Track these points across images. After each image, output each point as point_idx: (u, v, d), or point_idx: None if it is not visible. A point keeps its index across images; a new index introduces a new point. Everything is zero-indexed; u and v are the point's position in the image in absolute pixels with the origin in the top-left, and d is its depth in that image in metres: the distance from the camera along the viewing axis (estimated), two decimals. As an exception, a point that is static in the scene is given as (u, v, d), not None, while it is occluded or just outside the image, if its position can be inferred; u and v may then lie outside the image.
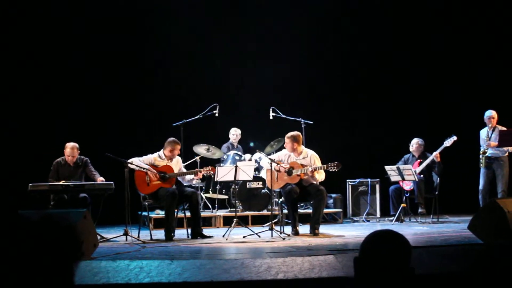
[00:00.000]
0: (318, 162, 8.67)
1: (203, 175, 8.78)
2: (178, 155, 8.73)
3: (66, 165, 8.69)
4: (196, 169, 8.71)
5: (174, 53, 11.49)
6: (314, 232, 8.45)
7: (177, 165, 8.66)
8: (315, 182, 8.59)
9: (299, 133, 8.99)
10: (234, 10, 11.88)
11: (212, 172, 8.64)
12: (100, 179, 8.48)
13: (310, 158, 8.73)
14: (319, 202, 8.51)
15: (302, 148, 8.82)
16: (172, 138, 8.59)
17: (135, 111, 11.19)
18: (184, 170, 8.76)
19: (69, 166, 8.68)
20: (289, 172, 8.59)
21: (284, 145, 8.92)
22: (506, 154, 10.05)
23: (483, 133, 10.24)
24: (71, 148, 8.66)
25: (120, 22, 11.13)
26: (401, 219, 10.11)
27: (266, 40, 11.99)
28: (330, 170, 8.49)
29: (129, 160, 8.12)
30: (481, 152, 10.14)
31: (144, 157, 8.45)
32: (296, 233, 8.42)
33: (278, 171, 8.63)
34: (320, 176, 8.61)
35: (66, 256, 1.62)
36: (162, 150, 8.57)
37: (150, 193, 8.35)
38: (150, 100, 11.39)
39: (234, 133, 10.95)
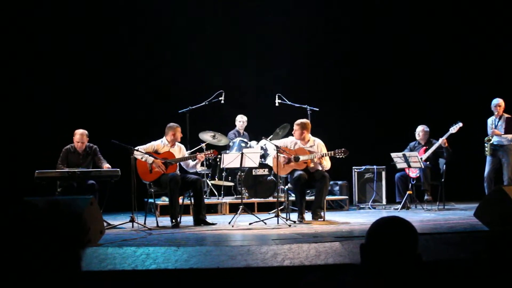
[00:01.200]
0: (324, 151, 8.66)
1: (208, 161, 8.76)
2: (182, 142, 8.73)
3: (75, 153, 8.69)
4: (197, 153, 8.70)
5: (179, 38, 11.47)
6: (316, 216, 8.46)
7: (180, 152, 8.67)
8: (320, 169, 8.59)
9: (308, 121, 8.98)
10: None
11: (214, 155, 8.64)
12: (107, 166, 8.49)
13: (317, 146, 8.71)
14: (322, 186, 8.50)
15: (309, 136, 8.80)
16: (171, 123, 8.60)
17: (140, 98, 11.19)
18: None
19: (78, 154, 8.68)
20: (296, 159, 8.57)
21: (292, 132, 8.89)
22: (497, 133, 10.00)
23: (490, 121, 10.21)
24: (80, 135, 8.66)
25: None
26: (407, 206, 10.10)
27: (272, 26, 11.93)
28: (337, 156, 8.48)
29: (136, 148, 8.13)
30: (486, 140, 10.09)
31: (147, 145, 8.45)
32: (302, 219, 8.42)
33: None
34: (327, 163, 8.60)
35: (73, 243, 1.62)
36: (164, 137, 8.58)
37: (153, 180, 8.37)
38: (156, 87, 11.38)
39: (241, 120, 10.93)
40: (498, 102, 10.10)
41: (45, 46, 10.75)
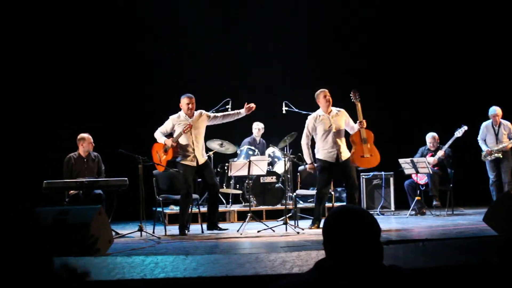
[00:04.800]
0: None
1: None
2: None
3: (79, 159, 8.70)
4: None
5: (187, 46, 11.52)
6: None
7: (201, 118, 8.47)
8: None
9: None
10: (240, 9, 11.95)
11: (189, 128, 8.24)
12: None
13: (342, 112, 8.56)
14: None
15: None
16: (184, 94, 8.46)
17: (146, 106, 11.20)
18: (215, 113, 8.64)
19: (83, 160, 8.68)
20: (364, 141, 8.39)
21: (319, 102, 8.53)
22: (509, 146, 10.00)
23: (485, 126, 10.25)
24: (88, 138, 8.68)
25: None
26: (421, 211, 10.08)
27: (276, 33, 11.97)
28: (359, 99, 8.41)
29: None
30: (489, 152, 10.07)
31: (161, 128, 8.44)
32: (318, 227, 8.28)
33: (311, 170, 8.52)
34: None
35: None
36: (181, 111, 8.45)
37: (164, 169, 8.43)
38: (163, 94, 11.40)
39: (257, 127, 10.85)
40: (495, 112, 10.15)
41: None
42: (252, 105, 8.52)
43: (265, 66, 11.93)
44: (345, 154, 8.38)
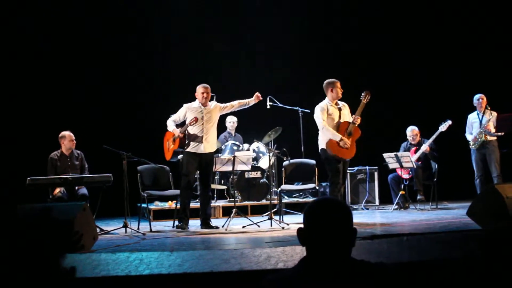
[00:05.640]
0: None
1: None
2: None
3: (62, 157, 8.64)
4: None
5: (170, 40, 11.50)
6: None
7: (215, 109, 8.44)
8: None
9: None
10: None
11: (194, 121, 8.20)
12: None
13: (346, 106, 8.51)
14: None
15: None
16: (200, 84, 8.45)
17: (129, 102, 11.17)
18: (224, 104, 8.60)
19: (66, 158, 8.64)
20: (349, 133, 8.20)
21: (331, 91, 8.36)
22: (495, 138, 10.01)
23: (472, 117, 10.24)
24: (69, 136, 8.62)
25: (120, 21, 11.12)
26: (405, 205, 10.13)
27: (262, 28, 11.96)
28: (367, 101, 8.31)
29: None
30: (475, 138, 10.05)
31: (173, 116, 8.42)
32: None
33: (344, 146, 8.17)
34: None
35: (58, 249, 1.63)
36: (196, 100, 8.42)
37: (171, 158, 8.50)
38: (147, 89, 11.38)
39: (231, 121, 10.89)
40: (480, 95, 10.14)
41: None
42: (259, 94, 8.60)
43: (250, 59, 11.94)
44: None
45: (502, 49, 11.83)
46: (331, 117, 8.24)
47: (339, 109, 8.32)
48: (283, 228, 7.87)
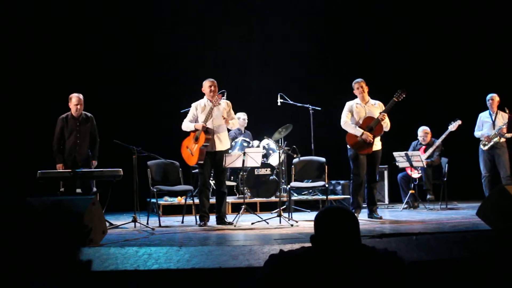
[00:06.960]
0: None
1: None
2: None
3: (72, 119, 8.53)
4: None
5: (180, 37, 11.50)
6: (374, 214, 8.52)
7: (223, 106, 8.35)
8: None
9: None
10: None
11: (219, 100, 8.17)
12: (95, 162, 8.59)
13: (380, 104, 8.57)
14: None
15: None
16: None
17: (141, 97, 11.18)
18: (232, 113, 8.48)
19: (75, 119, 8.52)
20: (370, 129, 8.33)
21: (356, 91, 8.54)
22: (505, 139, 9.96)
23: (483, 116, 10.17)
24: (77, 97, 8.50)
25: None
26: (414, 205, 10.11)
27: (274, 26, 11.96)
28: (400, 99, 8.34)
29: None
30: (488, 138, 9.97)
31: (186, 118, 8.39)
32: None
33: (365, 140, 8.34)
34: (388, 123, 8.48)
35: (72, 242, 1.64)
36: (204, 97, 8.37)
37: (199, 161, 8.23)
38: (157, 85, 11.39)
39: (241, 118, 10.88)
40: (491, 95, 10.08)
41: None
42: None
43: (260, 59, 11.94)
44: (377, 146, 8.49)
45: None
46: (357, 115, 8.46)
47: (369, 108, 8.48)
48: (292, 225, 7.87)
